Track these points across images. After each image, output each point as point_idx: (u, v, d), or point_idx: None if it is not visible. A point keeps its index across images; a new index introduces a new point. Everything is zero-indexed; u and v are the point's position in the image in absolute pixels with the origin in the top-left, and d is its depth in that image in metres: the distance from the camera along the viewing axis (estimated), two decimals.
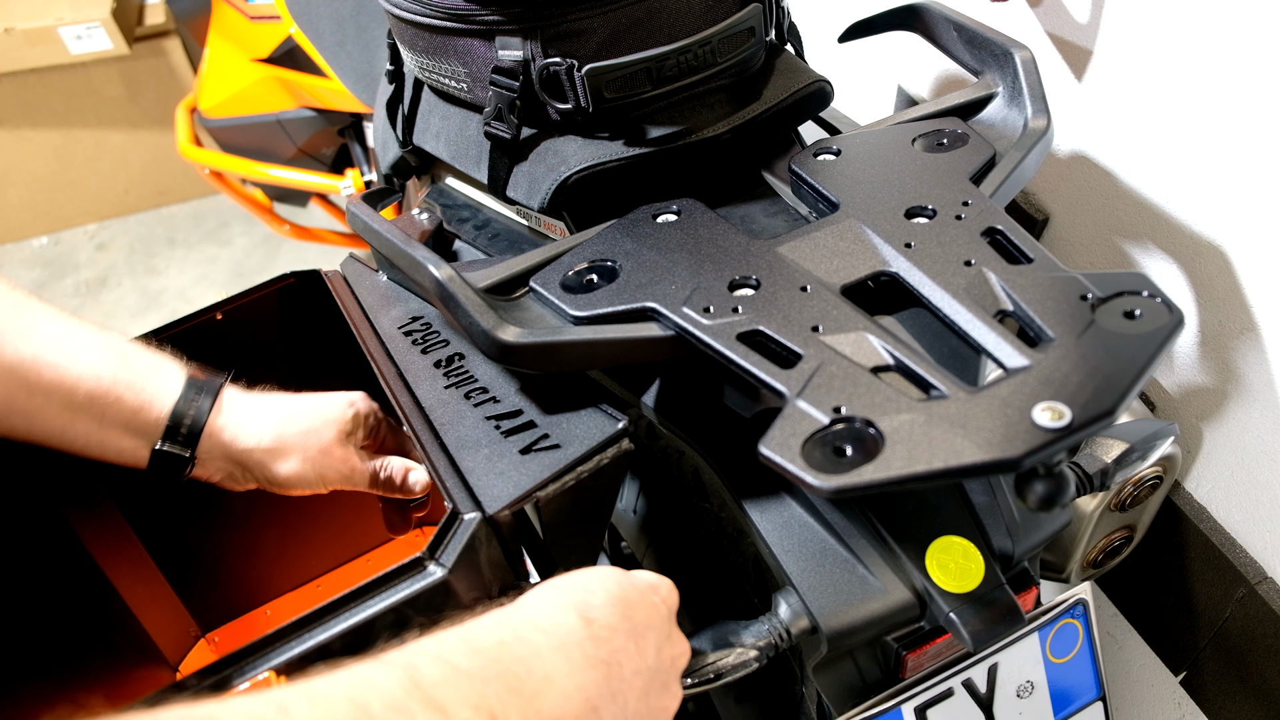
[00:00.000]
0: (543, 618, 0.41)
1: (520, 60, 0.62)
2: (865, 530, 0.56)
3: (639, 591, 0.46)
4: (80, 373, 0.55)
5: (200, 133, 1.78)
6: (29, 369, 0.54)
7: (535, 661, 0.37)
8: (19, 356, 0.54)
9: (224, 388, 0.61)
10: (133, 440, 0.58)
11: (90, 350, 0.56)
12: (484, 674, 0.35)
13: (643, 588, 0.46)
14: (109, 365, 0.57)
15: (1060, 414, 0.40)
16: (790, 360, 0.49)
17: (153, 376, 0.59)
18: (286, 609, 0.93)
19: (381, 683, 0.33)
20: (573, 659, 0.39)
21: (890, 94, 1.05)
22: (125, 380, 0.57)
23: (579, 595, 0.43)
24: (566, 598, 0.43)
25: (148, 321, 2.26)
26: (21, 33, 2.18)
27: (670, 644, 0.47)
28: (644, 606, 0.45)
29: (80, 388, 0.55)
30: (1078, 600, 0.63)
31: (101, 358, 0.57)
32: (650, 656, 0.43)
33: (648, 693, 0.43)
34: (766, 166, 0.71)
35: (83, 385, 0.55)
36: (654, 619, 0.45)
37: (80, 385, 0.55)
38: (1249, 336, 0.69)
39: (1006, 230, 0.55)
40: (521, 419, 0.60)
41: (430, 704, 0.33)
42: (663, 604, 0.47)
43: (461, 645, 0.37)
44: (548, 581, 0.45)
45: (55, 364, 0.55)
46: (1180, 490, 0.79)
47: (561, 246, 0.62)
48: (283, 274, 0.79)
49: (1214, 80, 0.65)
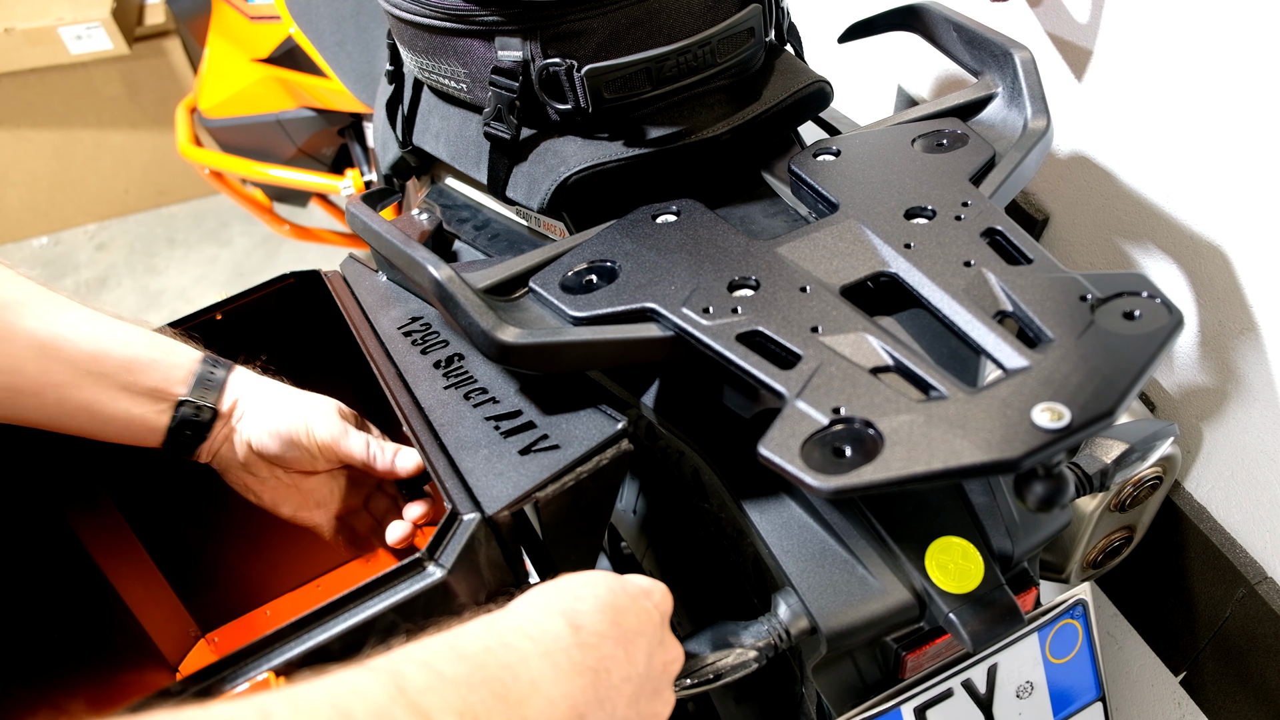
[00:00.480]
0: (530, 624, 0.41)
1: (520, 61, 0.62)
2: (865, 531, 0.56)
3: (630, 597, 0.46)
4: (114, 342, 0.59)
5: (200, 133, 1.78)
6: (64, 341, 0.57)
7: (522, 668, 0.37)
8: (52, 331, 0.57)
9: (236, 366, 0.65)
10: (155, 405, 0.61)
11: (116, 326, 0.61)
12: (469, 681, 0.35)
13: (635, 593, 0.46)
14: (135, 336, 0.61)
15: (1060, 415, 0.40)
16: (790, 361, 0.49)
17: (175, 349, 0.63)
18: (286, 609, 0.93)
19: (366, 689, 0.33)
20: (559, 666, 0.39)
21: (890, 94, 1.05)
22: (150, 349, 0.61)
23: (568, 601, 0.43)
24: (555, 604, 0.43)
25: (148, 321, 2.26)
26: (21, 33, 2.18)
27: (662, 650, 0.46)
28: (635, 612, 0.45)
29: (113, 356, 0.59)
30: (1077, 600, 0.63)
31: (128, 331, 0.61)
32: (640, 663, 0.43)
33: (637, 699, 0.42)
34: (766, 167, 0.71)
35: (115, 354, 0.59)
36: (645, 625, 0.45)
37: (113, 354, 0.59)
38: (1249, 336, 0.69)
39: (1006, 231, 0.55)
40: (521, 419, 0.60)
41: (415, 710, 0.33)
42: (655, 610, 0.47)
43: (448, 652, 0.37)
44: (538, 586, 0.45)
45: (89, 335, 0.59)
46: (1180, 490, 0.79)
47: (561, 247, 0.62)
48: (283, 274, 0.79)
49: (1214, 80, 0.65)
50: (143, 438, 0.62)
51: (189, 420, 0.61)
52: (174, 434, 0.61)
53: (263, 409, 0.64)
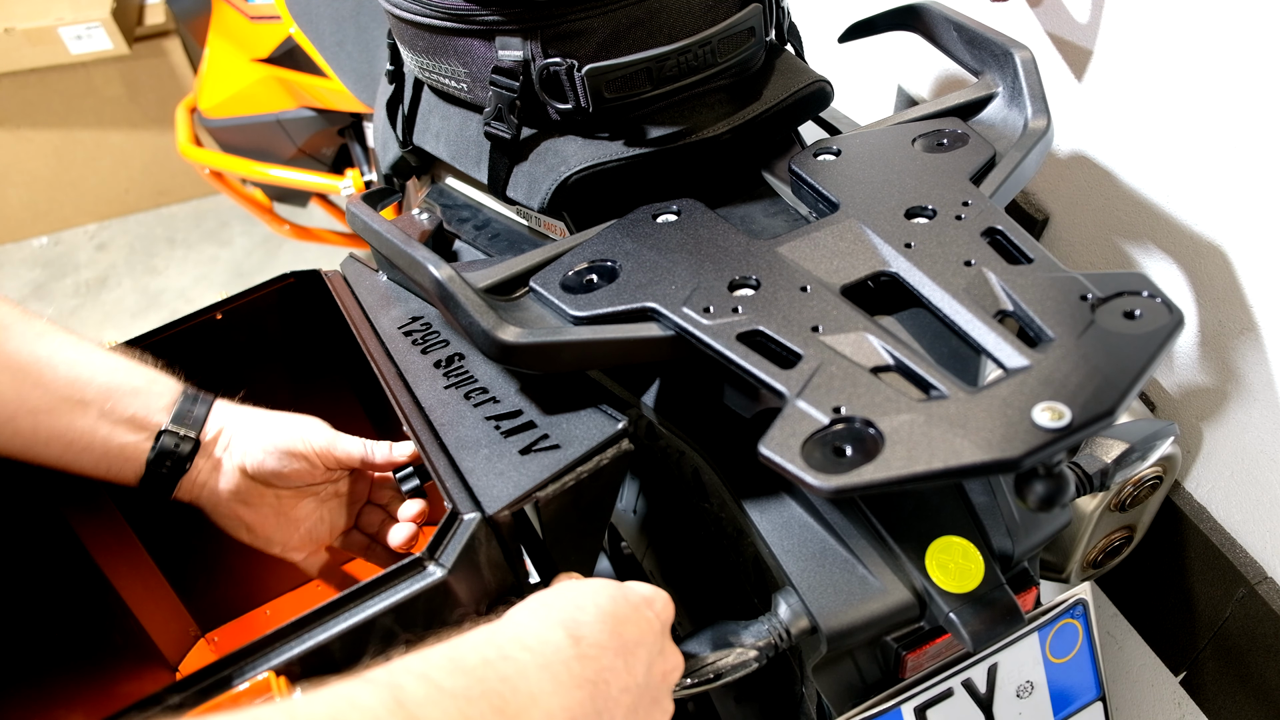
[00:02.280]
0: (530, 635, 0.40)
1: (520, 60, 0.62)
2: (865, 530, 0.56)
3: (632, 606, 0.45)
4: (94, 369, 0.58)
5: (200, 133, 1.78)
6: (44, 366, 0.56)
7: (520, 681, 0.37)
8: (34, 356, 0.56)
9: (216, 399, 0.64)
10: (136, 434, 0.60)
11: (96, 353, 0.60)
12: (468, 693, 0.35)
13: (636, 602, 0.46)
14: (117, 364, 0.60)
15: (1060, 414, 0.40)
16: (790, 360, 0.49)
17: (156, 378, 0.62)
18: (286, 609, 0.93)
19: (365, 702, 0.33)
20: (559, 678, 0.39)
21: (890, 94, 1.05)
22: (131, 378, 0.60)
23: (569, 612, 0.43)
24: (555, 615, 0.42)
25: (148, 321, 2.26)
26: (21, 33, 2.18)
27: (662, 659, 0.46)
28: (636, 622, 0.45)
29: (94, 383, 0.58)
30: (1077, 600, 0.63)
31: (109, 359, 0.60)
32: (640, 673, 0.43)
33: (636, 709, 0.42)
34: (766, 166, 0.71)
35: (95, 380, 0.58)
36: (645, 635, 0.45)
37: (94, 380, 0.58)
38: (1249, 336, 0.69)
39: (1006, 230, 0.55)
40: (521, 419, 0.60)
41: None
42: (656, 619, 0.47)
43: (446, 664, 0.37)
44: (538, 595, 0.45)
45: (70, 360, 0.58)
46: (1180, 490, 0.79)
47: (561, 246, 0.62)
48: (283, 274, 0.79)
49: (1214, 80, 0.65)
50: (119, 470, 0.60)
51: (169, 452, 0.60)
52: (153, 466, 0.60)
53: (251, 432, 0.63)
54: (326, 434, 0.65)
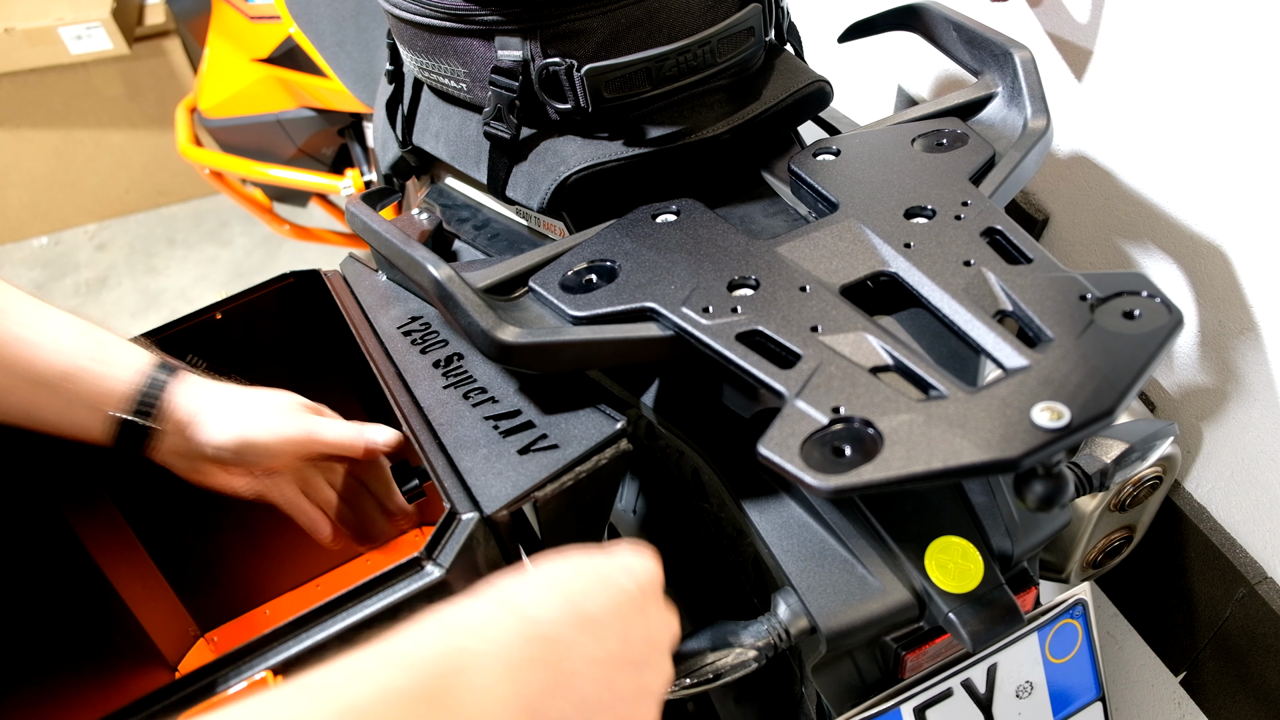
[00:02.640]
0: (480, 621, 0.39)
1: (520, 60, 0.62)
2: (864, 530, 0.56)
3: (599, 577, 0.44)
4: (52, 349, 0.58)
5: (200, 133, 1.78)
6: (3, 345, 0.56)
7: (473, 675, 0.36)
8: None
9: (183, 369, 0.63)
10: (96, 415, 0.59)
11: (61, 330, 0.59)
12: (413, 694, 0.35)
13: (606, 572, 0.44)
14: (79, 343, 0.59)
15: (1059, 414, 0.40)
16: (789, 360, 0.49)
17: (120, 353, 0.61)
18: (286, 609, 0.93)
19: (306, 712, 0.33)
20: (511, 663, 0.38)
21: (890, 94, 1.05)
22: (93, 356, 0.59)
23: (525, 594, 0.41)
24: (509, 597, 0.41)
25: (148, 321, 2.26)
26: (21, 33, 2.18)
27: (644, 622, 0.44)
28: (601, 592, 0.43)
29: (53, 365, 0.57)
30: (1077, 600, 0.63)
31: (71, 336, 0.59)
32: (611, 642, 0.42)
33: (613, 680, 0.41)
34: (766, 166, 0.71)
35: (56, 362, 0.57)
36: (614, 603, 0.43)
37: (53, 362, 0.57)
38: (1249, 336, 0.69)
39: (1006, 230, 0.55)
40: (520, 419, 0.60)
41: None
42: (633, 584, 0.45)
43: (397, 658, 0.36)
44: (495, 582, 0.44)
45: (27, 340, 0.57)
46: (1180, 490, 0.79)
47: (561, 246, 0.62)
48: (282, 274, 0.79)
49: (1214, 80, 0.65)
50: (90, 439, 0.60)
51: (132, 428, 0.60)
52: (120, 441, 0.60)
53: (213, 415, 0.61)
54: (303, 422, 0.63)
